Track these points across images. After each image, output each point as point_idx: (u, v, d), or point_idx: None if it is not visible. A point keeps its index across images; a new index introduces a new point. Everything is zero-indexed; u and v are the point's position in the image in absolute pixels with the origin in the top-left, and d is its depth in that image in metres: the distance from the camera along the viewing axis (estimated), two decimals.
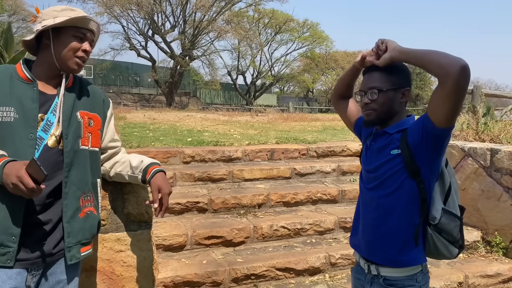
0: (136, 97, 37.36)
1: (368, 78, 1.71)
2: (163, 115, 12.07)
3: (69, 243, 1.67)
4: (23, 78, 1.65)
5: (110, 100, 1.98)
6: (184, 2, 30.94)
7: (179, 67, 31.46)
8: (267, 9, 37.84)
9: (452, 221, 1.66)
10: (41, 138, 1.63)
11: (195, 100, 40.08)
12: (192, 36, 32.10)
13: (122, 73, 39.17)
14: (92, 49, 1.80)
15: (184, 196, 3.93)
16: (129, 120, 9.55)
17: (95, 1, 29.65)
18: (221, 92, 43.64)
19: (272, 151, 5.05)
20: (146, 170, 1.91)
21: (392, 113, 1.69)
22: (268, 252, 3.56)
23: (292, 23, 39.85)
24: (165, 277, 2.99)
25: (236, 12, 35.23)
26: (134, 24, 31.87)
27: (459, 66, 1.43)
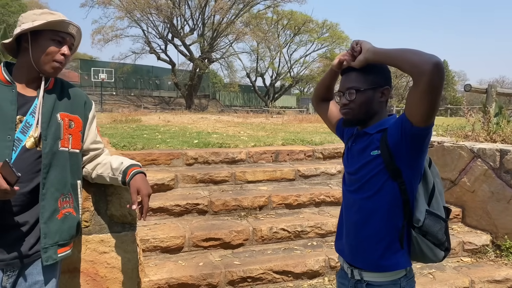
0: (157, 100, 37.84)
1: (345, 78, 1.69)
2: (178, 117, 12.18)
3: (46, 244, 1.68)
4: (2, 81, 1.67)
5: (92, 102, 1.99)
6: (203, 5, 31.20)
7: (198, 69, 31.74)
8: (285, 11, 37.83)
9: (436, 223, 1.61)
10: (19, 140, 1.64)
11: (214, 102, 40.31)
12: (211, 38, 32.35)
13: (143, 76, 39.73)
14: (72, 52, 1.81)
15: (184, 198, 3.93)
16: (143, 123, 9.67)
17: (115, 6, 30.23)
18: (240, 94, 43.77)
19: (277, 152, 5.01)
20: (125, 171, 1.91)
21: (371, 112, 1.66)
22: (266, 254, 3.52)
23: (311, 24, 39.70)
24: (159, 278, 2.99)
25: (255, 14, 35.32)
26: (154, 27, 32.35)
27: (431, 64, 1.39)
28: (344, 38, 40.60)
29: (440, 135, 5.48)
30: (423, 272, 3.50)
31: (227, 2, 30.62)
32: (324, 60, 42.69)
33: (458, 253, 3.91)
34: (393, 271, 1.63)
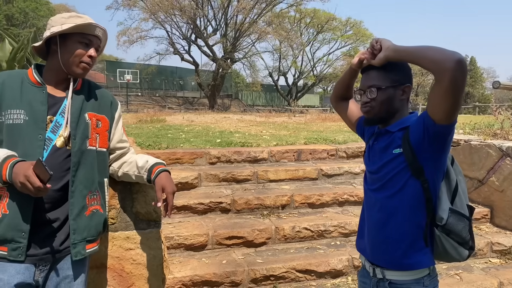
0: (181, 100, 38.28)
1: (366, 76, 1.68)
2: (201, 117, 12.29)
3: (75, 240, 1.73)
4: (34, 82, 1.73)
5: (118, 102, 2.04)
6: (226, 6, 31.38)
7: (221, 70, 31.93)
8: (308, 9, 37.60)
9: (460, 221, 1.59)
10: (49, 139, 1.70)
11: (237, 102, 40.48)
12: (234, 38, 32.49)
13: (167, 77, 40.27)
14: (99, 54, 1.87)
15: (207, 196, 3.98)
16: (168, 123, 9.81)
17: (140, 8, 30.74)
18: (262, 94, 43.80)
19: (299, 151, 5.01)
20: (151, 170, 1.95)
21: (392, 111, 1.65)
22: (289, 253, 3.53)
23: (335, 22, 39.33)
24: (184, 275, 3.04)
25: (277, 13, 35.26)
26: (178, 29, 32.73)
27: (454, 61, 1.37)
28: (368, 36, 40.05)
29: (467, 133, 5.36)
30: (450, 272, 3.43)
31: (249, 1, 30.68)
32: (347, 58, 42.24)
33: (486, 254, 3.82)
34: (416, 269, 1.62)
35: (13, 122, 1.65)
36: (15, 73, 1.79)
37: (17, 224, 1.62)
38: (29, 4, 35.12)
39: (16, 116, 1.66)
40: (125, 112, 22.40)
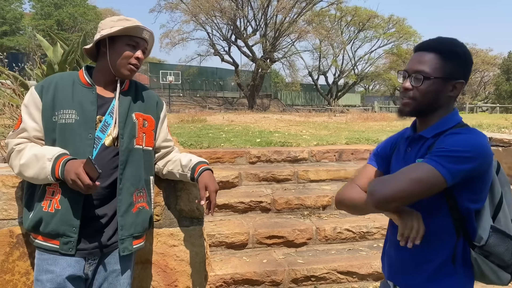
0: (221, 100, 38.76)
1: (416, 57, 1.40)
2: (241, 117, 12.38)
3: (122, 235, 1.79)
4: (84, 83, 1.81)
5: (163, 103, 2.09)
6: (265, 6, 31.47)
7: (260, 70, 32.06)
8: (349, 7, 37.02)
9: (503, 242, 1.33)
10: (99, 138, 1.77)
11: (276, 102, 40.46)
12: (273, 38, 32.52)
13: (208, 78, 40.90)
14: (146, 56, 1.92)
15: (248, 195, 4.00)
16: (208, 123, 9.96)
17: (181, 10, 31.41)
18: (302, 93, 43.55)
19: (340, 151, 4.93)
20: (194, 168, 1.99)
21: (435, 106, 1.39)
22: (330, 254, 3.48)
23: (377, 20, 38.49)
24: (225, 273, 3.07)
25: (317, 11, 34.96)
26: (218, 30, 33.18)
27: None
28: (411, 33, 38.91)
29: None
30: None
31: (289, 1, 30.60)
32: (390, 56, 41.25)
33: None
34: None
35: (65, 121, 1.72)
36: (67, 75, 1.87)
37: (69, 219, 1.69)
38: (77, 9, 36.76)
39: (68, 116, 1.73)
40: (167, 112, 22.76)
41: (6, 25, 34.85)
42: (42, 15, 36.51)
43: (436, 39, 1.41)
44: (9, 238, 2.04)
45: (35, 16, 36.99)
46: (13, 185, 2.04)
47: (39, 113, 1.73)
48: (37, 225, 1.72)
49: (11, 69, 3.08)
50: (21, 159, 1.68)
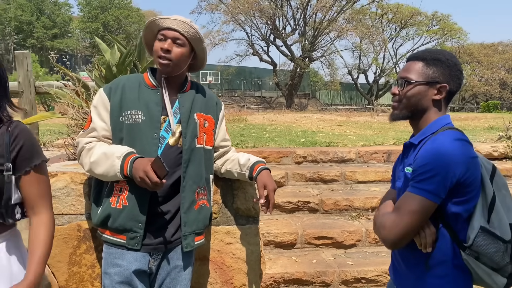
0: (258, 100, 38.93)
1: (405, 66, 1.53)
2: (281, 116, 12.37)
3: (185, 232, 1.84)
4: (149, 85, 1.87)
5: (222, 103, 2.13)
6: (305, 5, 31.28)
7: (298, 69, 31.91)
8: (391, 4, 36.15)
9: (492, 243, 1.33)
10: (163, 138, 1.82)
11: (314, 101, 40.14)
12: (312, 37, 32.28)
13: (246, 77, 41.17)
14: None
15: (295, 195, 4.00)
16: (249, 122, 10.03)
17: (221, 11, 31.78)
18: (341, 92, 42.96)
19: (388, 152, 4.84)
20: (252, 167, 2.01)
21: (419, 109, 1.46)
22: (381, 257, 3.43)
23: (419, 17, 37.34)
24: (275, 272, 3.09)
25: (358, 9, 34.37)
26: (257, 30, 33.31)
27: None
28: (456, 30, 37.48)
29: None
30: None
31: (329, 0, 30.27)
32: None
33: None
34: None
35: (132, 121, 1.79)
36: (133, 77, 1.94)
37: (135, 215, 1.76)
38: (122, 11, 38.02)
39: (134, 116, 1.80)
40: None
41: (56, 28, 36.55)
42: (89, 18, 38.03)
43: (423, 50, 1.53)
44: (76, 232, 2.15)
45: (83, 19, 38.58)
46: (81, 182, 2.15)
47: (108, 114, 1.81)
48: (105, 221, 1.79)
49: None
50: (91, 157, 1.76)
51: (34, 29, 35.64)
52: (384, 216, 1.43)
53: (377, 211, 1.58)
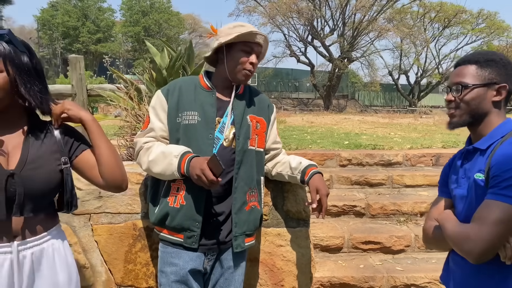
0: (295, 101, 38.74)
1: (454, 72, 1.47)
2: (321, 118, 12.26)
3: (236, 232, 1.86)
4: (204, 87, 1.90)
5: (274, 106, 2.13)
6: (344, 5, 30.86)
7: (337, 70, 31.50)
8: (434, 3, 34.98)
9: None
10: (217, 138, 1.85)
11: (353, 102, 39.51)
12: (351, 37, 31.79)
13: (283, 79, 41.11)
14: (260, 60, 1.97)
15: (340, 199, 3.95)
16: (288, 124, 9.99)
17: (259, 13, 31.91)
18: (381, 94, 42.04)
19: (437, 156, 4.68)
20: (304, 171, 2.00)
21: (480, 113, 1.40)
22: (431, 263, 3.32)
23: (464, 15, 35.92)
24: (322, 276, 3.06)
25: (399, 9, 33.52)
26: (295, 31, 33.18)
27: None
28: (504, 28, 35.76)
29: None
30: None
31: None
32: None
33: None
34: None
35: (188, 122, 1.82)
36: (189, 79, 1.98)
37: (192, 214, 1.78)
38: (162, 15, 38.97)
39: (191, 117, 1.83)
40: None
41: (100, 32, 37.96)
42: (131, 22, 39.23)
43: (472, 53, 1.48)
44: (132, 231, 2.22)
45: (125, 24, 39.86)
46: (137, 182, 2.21)
47: (165, 114, 1.85)
48: (163, 219, 1.83)
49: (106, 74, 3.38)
50: (149, 156, 1.80)
51: (80, 34, 37.18)
52: (459, 227, 1.35)
53: (429, 221, 1.52)
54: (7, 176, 1.30)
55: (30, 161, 1.36)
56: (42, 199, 1.40)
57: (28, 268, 1.35)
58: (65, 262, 1.47)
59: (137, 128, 2.87)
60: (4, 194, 1.29)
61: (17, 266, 1.32)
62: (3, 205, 1.30)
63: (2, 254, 1.31)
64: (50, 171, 1.40)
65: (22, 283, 1.34)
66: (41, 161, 1.38)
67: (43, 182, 1.37)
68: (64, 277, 1.45)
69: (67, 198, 1.45)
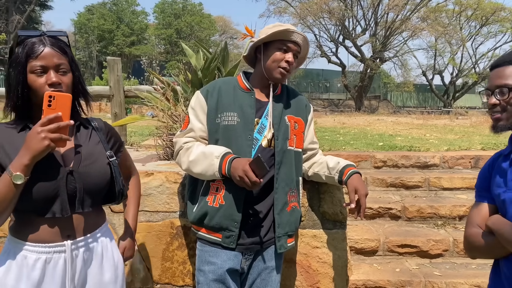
0: (326, 102, 38.36)
1: (495, 74, 1.41)
2: (352, 119, 12.09)
3: (279, 233, 1.85)
4: (243, 88, 1.91)
5: (311, 106, 2.12)
6: (376, 4, 30.33)
7: (369, 70, 30.99)
8: (470, 0, 33.82)
9: None
10: (256, 139, 1.86)
11: (385, 103, 38.73)
12: (384, 37, 31.19)
13: (313, 79, 40.80)
14: (300, 62, 1.96)
15: (375, 201, 3.88)
16: (320, 125, 9.91)
17: (290, 14, 31.81)
18: (414, 94, 41.03)
19: (476, 158, 4.52)
20: (342, 171, 1.98)
21: None
22: (471, 269, 3.21)
23: (503, 12, 34.52)
24: (357, 279, 3.01)
25: (433, 7, 32.62)
26: (326, 31, 32.87)
27: None
28: None
29: None
30: None
31: None
32: None
33: None
34: None
35: (228, 123, 1.84)
36: (228, 80, 2.00)
37: (231, 214, 1.80)
38: (194, 18, 39.48)
39: (230, 118, 1.84)
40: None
41: (134, 35, 38.86)
42: (163, 25, 39.96)
43: (509, 53, 1.43)
44: (170, 229, 2.26)
45: (158, 26, 40.64)
46: (175, 181, 2.25)
47: (205, 115, 1.88)
48: (202, 218, 1.85)
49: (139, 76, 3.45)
50: (189, 156, 1.82)
51: (114, 37, 38.17)
52: None
53: (472, 228, 1.45)
54: (67, 173, 1.36)
55: (84, 157, 1.41)
56: (99, 193, 1.46)
57: (80, 267, 1.39)
58: (112, 260, 1.51)
59: (173, 129, 2.92)
60: (65, 192, 1.34)
61: (70, 265, 1.36)
62: (66, 202, 1.35)
63: (57, 253, 1.35)
64: (102, 165, 1.46)
65: (74, 282, 1.38)
66: (93, 157, 1.44)
67: (99, 176, 1.43)
68: (111, 276, 1.49)
69: (119, 189, 1.50)
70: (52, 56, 1.33)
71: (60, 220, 1.34)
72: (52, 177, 1.32)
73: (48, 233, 1.33)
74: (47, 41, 1.34)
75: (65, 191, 1.33)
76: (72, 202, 1.35)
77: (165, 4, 41.04)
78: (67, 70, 1.37)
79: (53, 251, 1.33)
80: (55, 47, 1.34)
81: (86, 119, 1.54)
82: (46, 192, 1.31)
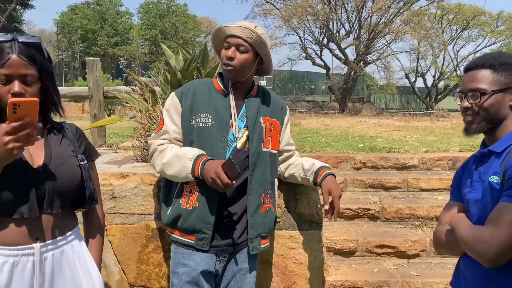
0: (310, 104, 38.56)
1: (468, 77, 1.42)
2: (336, 121, 12.19)
3: (252, 234, 1.85)
4: (218, 90, 1.91)
5: (287, 107, 2.13)
6: (360, 7, 30.65)
7: (353, 72, 31.28)
8: (452, 4, 34.42)
9: None
10: (231, 141, 1.86)
11: (369, 105, 39.13)
12: (367, 40, 31.53)
13: (298, 81, 41.00)
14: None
15: (354, 202, 3.92)
16: (303, 126, 9.96)
17: (275, 16, 31.91)
18: (397, 97, 41.59)
19: (454, 159, 4.60)
20: (317, 173, 1.99)
21: (499, 118, 1.38)
22: (447, 268, 3.26)
23: (483, 17, 35.29)
24: (335, 280, 3.03)
25: (416, 11, 33.13)
26: (310, 34, 33.06)
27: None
28: None
29: None
30: None
31: (385, 1, 29.42)
32: None
33: None
34: None
35: (202, 125, 1.83)
36: (203, 82, 1.99)
37: (204, 216, 1.79)
38: (179, 19, 39.32)
39: (204, 120, 1.84)
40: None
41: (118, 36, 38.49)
42: (148, 25, 39.68)
43: (483, 56, 1.45)
44: (145, 232, 2.24)
45: (142, 27, 40.34)
46: (150, 183, 2.23)
47: (179, 117, 1.87)
48: (175, 221, 1.84)
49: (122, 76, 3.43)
50: (163, 159, 1.82)
51: (98, 37, 37.75)
52: (473, 230, 1.32)
53: (440, 225, 1.50)
54: (36, 173, 1.33)
55: (54, 158, 1.39)
56: (69, 196, 1.44)
57: (50, 270, 1.36)
58: (85, 266, 1.48)
59: (151, 130, 2.89)
60: (34, 191, 1.32)
61: (39, 269, 1.33)
62: (35, 201, 1.32)
63: (25, 256, 1.31)
64: (73, 167, 1.44)
65: (43, 285, 1.35)
66: (63, 158, 1.42)
67: (69, 177, 1.41)
68: (88, 284, 1.47)
69: (89, 193, 1.48)
70: (18, 65, 1.27)
71: (28, 221, 1.31)
72: (21, 177, 1.30)
73: (16, 235, 1.30)
74: (16, 48, 1.28)
75: (33, 191, 1.31)
76: (40, 202, 1.33)
77: (149, 5, 40.78)
78: (34, 80, 1.32)
79: (21, 254, 1.30)
80: (23, 55, 1.28)
81: (59, 123, 1.52)
82: (13, 192, 1.28)
